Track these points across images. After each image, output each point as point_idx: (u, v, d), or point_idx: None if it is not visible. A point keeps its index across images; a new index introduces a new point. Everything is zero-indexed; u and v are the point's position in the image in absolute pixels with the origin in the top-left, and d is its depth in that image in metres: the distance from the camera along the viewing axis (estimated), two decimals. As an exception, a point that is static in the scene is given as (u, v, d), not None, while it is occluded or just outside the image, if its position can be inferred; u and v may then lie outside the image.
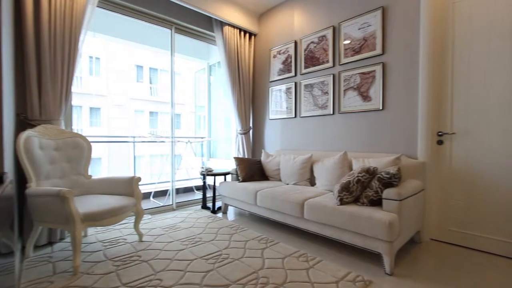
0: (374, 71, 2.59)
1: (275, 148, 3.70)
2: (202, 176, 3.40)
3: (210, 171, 3.30)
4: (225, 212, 3.25)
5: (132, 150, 4.73)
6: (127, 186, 2.26)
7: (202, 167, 3.39)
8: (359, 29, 2.70)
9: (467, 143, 2.17)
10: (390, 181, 1.86)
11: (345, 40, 2.83)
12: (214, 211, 3.26)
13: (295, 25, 3.41)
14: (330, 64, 2.97)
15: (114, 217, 1.96)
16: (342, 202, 2.01)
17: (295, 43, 3.37)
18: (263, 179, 3.22)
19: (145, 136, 9.91)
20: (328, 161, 2.62)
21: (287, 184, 2.97)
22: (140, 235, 2.29)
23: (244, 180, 3.09)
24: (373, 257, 2.00)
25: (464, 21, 2.18)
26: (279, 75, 3.58)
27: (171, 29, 3.42)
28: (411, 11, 2.37)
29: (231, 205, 3.14)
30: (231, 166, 3.94)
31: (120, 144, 11.79)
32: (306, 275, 1.72)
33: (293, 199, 2.33)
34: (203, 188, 3.47)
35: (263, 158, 3.36)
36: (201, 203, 3.56)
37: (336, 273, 1.75)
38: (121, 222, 2.73)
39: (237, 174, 3.21)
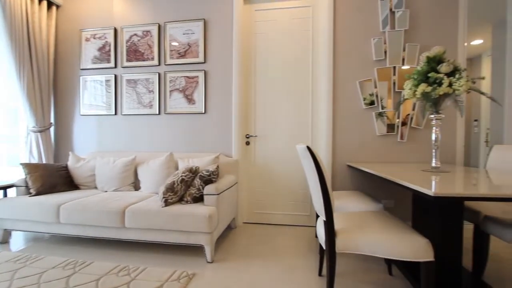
0: (197, 76, 2.78)
1: (90, 150, 3.10)
2: (-44, 195, 2.24)
3: (-26, 186, 2.24)
4: (5, 242, 2.32)
5: None
6: None
7: (-43, 182, 2.23)
8: (183, 34, 2.81)
9: (265, 143, 2.82)
10: (210, 178, 2.07)
11: (171, 41, 2.84)
12: (-18, 244, 2.24)
13: (114, 10, 3.01)
14: (155, 62, 2.87)
15: None
16: (167, 203, 2.00)
17: (115, 30, 2.98)
18: (71, 189, 2.60)
19: None
20: (154, 162, 2.53)
21: (106, 191, 2.57)
22: None
23: (39, 193, 2.35)
24: (197, 250, 2.14)
25: (261, 51, 2.81)
26: (95, 63, 3.03)
27: None
28: (227, 32, 2.76)
29: (17, 230, 2.29)
30: (19, 175, 2.89)
31: None
32: (127, 290, 1.56)
33: (111, 207, 2.04)
34: (-42, 213, 2.29)
35: (71, 162, 2.71)
36: (-46, 237, 2.33)
37: (161, 276, 1.71)
38: None
39: (27, 186, 2.39)
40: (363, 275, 1.76)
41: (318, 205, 1.40)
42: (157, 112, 2.89)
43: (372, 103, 2.57)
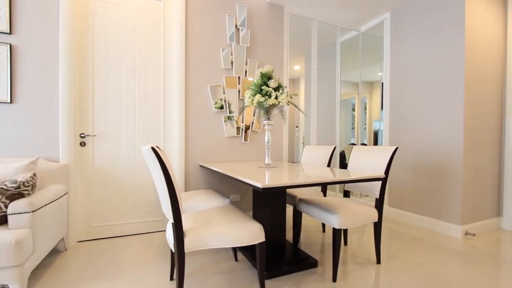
0: (-2, 52, 2.00)
1: None
2: None
3: None
4: None
5: None
6: None
7: None
8: (-30, -14, 1.94)
9: (106, 144, 2.43)
10: (19, 191, 1.53)
11: None
12: None
13: None
14: None
15: None
16: None
17: None
18: None
19: None
20: None
21: None
22: None
23: None
24: (-5, 295, 1.53)
25: (103, 36, 2.40)
26: None
27: None
28: (50, 7, 2.16)
29: None
30: None
31: None
32: None
33: None
34: None
35: None
36: None
37: None
38: None
39: None
40: (212, 268, 1.87)
41: (166, 208, 1.36)
42: None
43: (222, 107, 2.79)
